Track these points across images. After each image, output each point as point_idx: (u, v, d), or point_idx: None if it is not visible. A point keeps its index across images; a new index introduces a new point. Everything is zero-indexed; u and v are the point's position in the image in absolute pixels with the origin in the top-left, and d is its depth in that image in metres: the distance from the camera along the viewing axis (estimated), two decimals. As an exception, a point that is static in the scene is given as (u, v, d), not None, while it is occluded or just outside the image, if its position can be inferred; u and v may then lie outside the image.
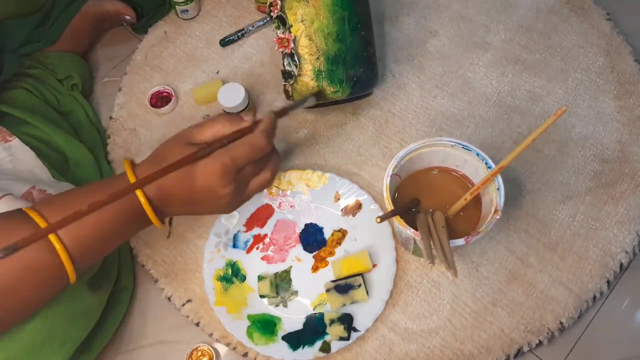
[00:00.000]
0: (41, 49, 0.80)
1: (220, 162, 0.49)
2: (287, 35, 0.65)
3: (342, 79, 0.67)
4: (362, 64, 0.67)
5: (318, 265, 0.68)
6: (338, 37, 0.64)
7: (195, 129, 0.52)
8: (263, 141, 0.51)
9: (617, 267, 0.67)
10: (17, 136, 0.68)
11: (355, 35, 0.65)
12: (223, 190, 0.50)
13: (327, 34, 0.64)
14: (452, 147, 0.61)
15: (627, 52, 0.81)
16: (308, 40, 0.64)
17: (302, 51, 0.65)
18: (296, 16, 0.63)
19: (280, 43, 0.66)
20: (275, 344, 0.63)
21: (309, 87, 0.67)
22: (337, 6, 0.63)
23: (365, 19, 0.66)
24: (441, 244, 0.55)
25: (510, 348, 0.63)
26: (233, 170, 0.50)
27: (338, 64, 0.66)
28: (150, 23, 0.90)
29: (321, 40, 0.64)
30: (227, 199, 0.51)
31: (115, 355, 0.67)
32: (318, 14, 0.63)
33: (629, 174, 0.72)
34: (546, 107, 0.78)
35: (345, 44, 0.65)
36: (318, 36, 0.64)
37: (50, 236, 0.45)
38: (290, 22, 0.64)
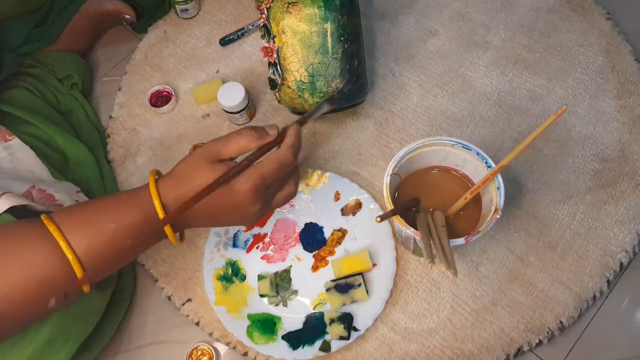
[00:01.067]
0: (41, 48, 0.80)
1: (252, 182, 0.48)
2: (271, 44, 0.65)
3: (324, 91, 0.67)
4: (345, 77, 0.67)
5: (318, 264, 0.68)
6: (320, 49, 0.64)
7: (221, 143, 0.50)
8: (291, 158, 0.51)
9: (617, 266, 0.67)
10: (17, 135, 0.68)
11: (339, 48, 0.64)
12: (252, 207, 0.50)
13: (309, 45, 0.63)
14: (452, 146, 0.61)
15: (627, 52, 0.81)
16: (291, 52, 0.64)
17: (284, 62, 0.65)
18: (279, 27, 0.63)
19: (265, 52, 0.66)
20: (275, 344, 0.63)
21: (292, 97, 0.68)
22: (320, 19, 0.62)
23: (352, 32, 0.65)
24: (441, 244, 0.55)
25: (510, 347, 0.63)
26: (263, 189, 0.50)
27: (320, 75, 0.65)
28: (150, 22, 0.90)
29: (303, 52, 0.64)
30: (254, 216, 0.52)
31: (116, 355, 0.67)
32: (300, 26, 0.63)
33: (629, 174, 0.72)
34: (546, 107, 0.78)
35: (327, 56, 0.64)
36: (300, 48, 0.64)
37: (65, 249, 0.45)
38: (274, 32, 0.64)
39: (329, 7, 0.62)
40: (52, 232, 0.46)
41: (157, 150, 0.79)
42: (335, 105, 0.66)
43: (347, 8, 0.63)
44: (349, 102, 0.71)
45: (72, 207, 0.50)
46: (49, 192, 0.62)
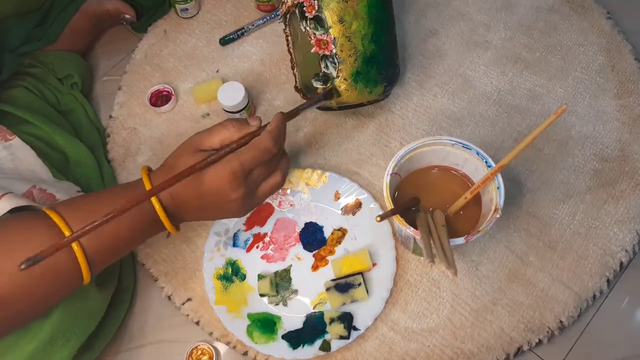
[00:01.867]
0: (41, 48, 0.80)
1: (229, 167, 0.50)
2: (326, 37, 0.63)
3: (377, 79, 0.67)
4: (393, 63, 0.69)
5: (318, 264, 0.68)
6: (373, 38, 0.64)
7: (203, 135, 0.53)
8: (270, 143, 0.52)
9: (617, 265, 0.67)
10: (17, 135, 0.68)
11: (388, 36, 0.66)
12: (233, 194, 0.51)
13: (364, 35, 0.64)
14: (452, 145, 0.61)
15: (628, 51, 0.81)
16: (347, 42, 0.63)
17: (341, 52, 0.64)
18: (336, 17, 0.62)
19: (319, 45, 0.65)
20: (275, 343, 0.63)
21: (346, 89, 0.66)
22: (373, 7, 0.63)
23: (393, 19, 0.68)
24: (441, 243, 0.55)
25: (510, 347, 0.63)
26: (242, 175, 0.51)
27: (373, 64, 0.66)
28: (150, 22, 0.90)
29: (359, 42, 0.64)
30: (237, 203, 0.52)
31: (116, 354, 0.67)
32: (357, 15, 0.63)
33: (629, 173, 0.72)
34: (546, 106, 0.77)
35: (380, 44, 0.65)
36: (356, 37, 0.63)
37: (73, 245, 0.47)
38: (330, 23, 0.63)
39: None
40: (57, 222, 0.47)
41: (157, 149, 0.79)
42: (328, 99, 0.66)
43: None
44: (393, 87, 0.72)
45: (73, 199, 0.52)
46: (49, 191, 0.62)
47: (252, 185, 0.53)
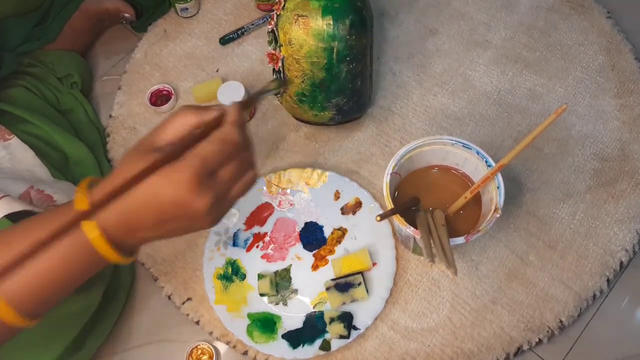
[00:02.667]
0: (40, 47, 0.80)
1: (189, 169, 0.39)
2: (277, 52, 0.65)
3: (324, 106, 0.67)
4: (347, 95, 0.67)
5: (318, 263, 0.68)
6: (325, 66, 0.63)
7: (156, 130, 0.42)
8: (235, 134, 0.42)
9: (617, 265, 0.67)
10: (16, 135, 0.68)
11: (343, 68, 0.64)
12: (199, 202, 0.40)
13: (314, 61, 0.63)
14: (452, 145, 0.61)
15: (628, 50, 0.81)
16: (295, 63, 0.64)
17: (288, 72, 0.65)
18: (286, 37, 0.63)
19: (271, 58, 0.66)
20: (275, 343, 0.63)
21: (292, 106, 0.68)
22: (328, 36, 0.61)
23: (359, 52, 0.64)
24: (441, 243, 0.55)
25: (510, 346, 0.63)
26: (206, 176, 0.40)
27: (321, 91, 0.66)
28: (149, 21, 0.90)
29: (307, 66, 0.63)
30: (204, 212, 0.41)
31: (116, 354, 0.67)
32: (307, 40, 0.62)
33: (629, 173, 0.72)
34: (546, 106, 0.77)
35: (332, 74, 0.64)
36: (305, 61, 0.63)
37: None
38: (281, 42, 0.63)
39: (337, 27, 0.61)
40: None
41: (157, 149, 0.79)
42: (287, 87, 0.66)
43: (357, 28, 0.62)
44: (346, 118, 0.72)
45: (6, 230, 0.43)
46: (47, 192, 0.62)
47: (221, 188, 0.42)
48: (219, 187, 0.42)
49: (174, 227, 0.42)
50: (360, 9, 0.63)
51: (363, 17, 0.63)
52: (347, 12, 0.61)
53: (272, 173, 0.72)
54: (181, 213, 0.40)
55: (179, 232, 0.43)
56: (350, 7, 0.61)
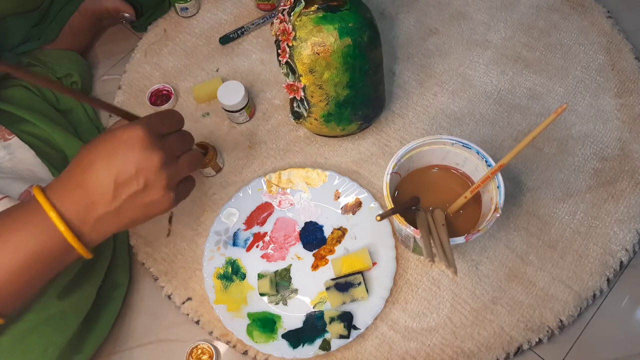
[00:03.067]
0: (40, 47, 0.80)
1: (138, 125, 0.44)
2: (297, 83, 0.64)
3: (350, 119, 0.68)
4: (371, 103, 0.68)
5: (318, 263, 0.68)
6: (348, 84, 0.63)
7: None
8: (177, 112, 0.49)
9: (617, 265, 0.67)
10: (16, 134, 0.68)
11: (366, 81, 0.64)
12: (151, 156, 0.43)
13: (338, 82, 0.63)
14: (452, 145, 0.61)
15: (628, 50, 0.81)
16: (318, 89, 0.63)
17: (311, 98, 0.65)
18: (306, 67, 0.61)
19: (290, 89, 0.65)
20: (275, 342, 0.63)
21: (319, 127, 0.69)
22: (349, 57, 0.61)
23: (377, 62, 0.65)
24: (441, 242, 0.55)
25: (510, 346, 0.63)
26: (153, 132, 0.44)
27: (347, 106, 0.66)
28: (149, 21, 0.90)
29: (331, 89, 0.63)
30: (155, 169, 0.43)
31: (115, 353, 0.67)
32: (329, 66, 0.61)
33: (629, 172, 0.72)
34: (546, 105, 0.77)
35: (356, 89, 0.64)
36: (328, 85, 0.63)
37: None
38: (300, 72, 0.62)
39: (358, 46, 0.61)
40: None
41: (156, 149, 0.79)
42: None
43: (374, 41, 0.62)
44: (371, 122, 0.73)
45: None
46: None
47: (169, 149, 0.45)
48: (167, 147, 0.45)
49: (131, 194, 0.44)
50: (371, 20, 0.62)
51: (376, 28, 0.63)
52: (363, 29, 0.61)
53: (272, 173, 0.72)
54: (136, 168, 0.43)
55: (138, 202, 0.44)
56: (365, 23, 0.61)
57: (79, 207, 0.43)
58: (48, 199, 0.43)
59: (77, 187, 0.43)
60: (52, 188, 0.44)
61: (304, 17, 0.59)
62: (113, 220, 0.45)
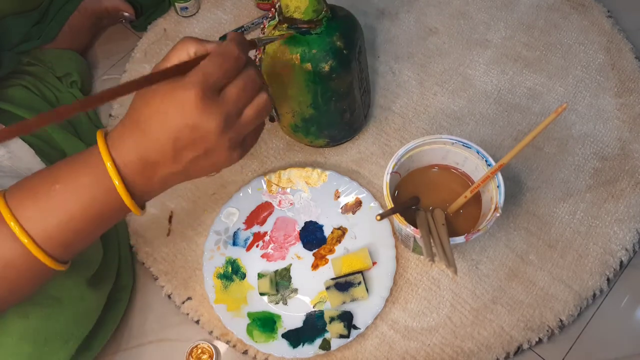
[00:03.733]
0: (40, 46, 0.80)
1: (190, 83, 0.39)
2: None
3: (317, 135, 0.69)
4: (338, 126, 0.67)
5: (318, 263, 0.68)
6: (312, 105, 0.63)
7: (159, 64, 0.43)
8: (234, 48, 0.41)
9: (617, 264, 0.67)
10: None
11: (330, 106, 0.64)
12: (208, 120, 0.40)
13: (302, 101, 0.63)
14: (452, 144, 0.61)
15: (628, 49, 0.81)
16: (284, 102, 0.64)
17: (279, 107, 0.66)
18: (270, 80, 0.63)
19: None
20: (275, 342, 0.63)
21: (289, 133, 0.71)
22: (310, 82, 0.61)
23: (344, 91, 0.64)
24: (441, 242, 0.55)
25: (510, 345, 0.63)
26: (209, 90, 0.40)
27: (313, 124, 0.66)
28: (149, 20, 0.89)
29: (295, 105, 0.64)
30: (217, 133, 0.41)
31: (116, 353, 0.67)
32: (292, 84, 0.61)
33: (629, 172, 0.72)
34: (546, 105, 0.77)
35: (320, 111, 0.64)
36: (293, 100, 0.63)
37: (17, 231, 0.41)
38: (267, 82, 0.63)
39: (318, 74, 0.60)
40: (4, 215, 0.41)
41: (156, 148, 0.79)
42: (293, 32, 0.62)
43: (338, 71, 0.61)
44: (340, 142, 0.74)
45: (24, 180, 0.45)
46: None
47: (230, 107, 0.41)
48: (227, 104, 0.41)
49: (192, 158, 0.42)
50: (340, 50, 0.60)
51: (344, 57, 0.61)
52: (326, 57, 0.59)
53: (272, 172, 0.72)
54: (194, 136, 0.40)
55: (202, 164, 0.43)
56: (330, 52, 0.59)
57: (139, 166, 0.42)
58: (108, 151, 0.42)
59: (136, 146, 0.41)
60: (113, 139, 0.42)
61: (277, 33, 0.59)
62: (178, 178, 0.44)
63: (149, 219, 0.72)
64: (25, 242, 0.41)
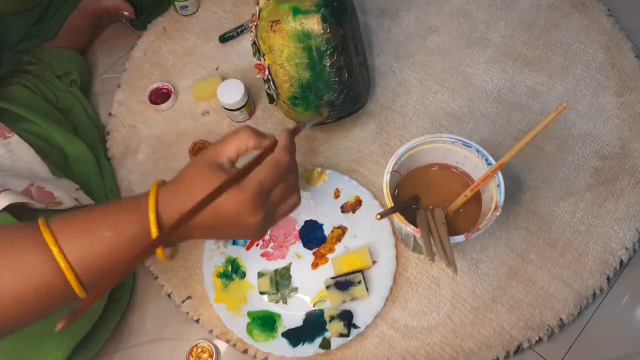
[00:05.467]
0: (39, 45, 0.80)
1: (250, 191, 0.46)
2: (262, 62, 0.65)
3: (317, 105, 0.67)
4: (336, 90, 0.67)
5: (318, 262, 0.68)
6: (308, 65, 0.63)
7: (219, 146, 0.49)
8: (286, 158, 0.49)
9: (617, 263, 0.67)
10: (16, 133, 0.68)
11: (325, 63, 0.64)
12: (253, 218, 0.48)
13: (297, 63, 0.63)
14: (452, 143, 0.61)
15: (628, 48, 0.81)
16: (280, 68, 0.64)
17: (276, 78, 0.66)
18: (267, 45, 0.63)
19: (259, 69, 0.67)
20: (275, 341, 0.63)
21: (288, 111, 0.69)
22: (303, 36, 0.61)
23: (338, 44, 0.63)
24: (441, 241, 0.55)
25: (510, 344, 0.63)
26: (262, 197, 0.47)
27: (311, 90, 0.66)
28: (149, 19, 0.89)
29: (292, 69, 0.64)
30: (256, 226, 0.49)
31: (116, 352, 0.67)
32: (286, 44, 0.62)
33: (629, 171, 0.72)
34: (546, 104, 0.77)
35: (316, 72, 0.64)
36: (289, 65, 0.64)
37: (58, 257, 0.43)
38: (263, 50, 0.64)
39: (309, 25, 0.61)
40: (47, 239, 0.44)
41: (156, 147, 0.79)
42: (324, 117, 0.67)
43: (329, 22, 0.62)
44: (343, 113, 0.71)
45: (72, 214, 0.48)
46: (47, 189, 0.62)
47: (271, 207, 0.49)
48: (270, 206, 0.49)
49: (224, 233, 0.50)
50: (331, 2, 0.62)
51: (335, 9, 0.62)
52: (318, 6, 0.61)
53: (272, 171, 0.72)
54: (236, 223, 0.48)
55: (227, 237, 0.51)
56: (322, 4, 0.61)
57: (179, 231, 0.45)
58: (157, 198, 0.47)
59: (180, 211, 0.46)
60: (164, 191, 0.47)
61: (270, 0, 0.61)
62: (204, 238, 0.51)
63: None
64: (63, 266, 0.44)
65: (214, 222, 0.47)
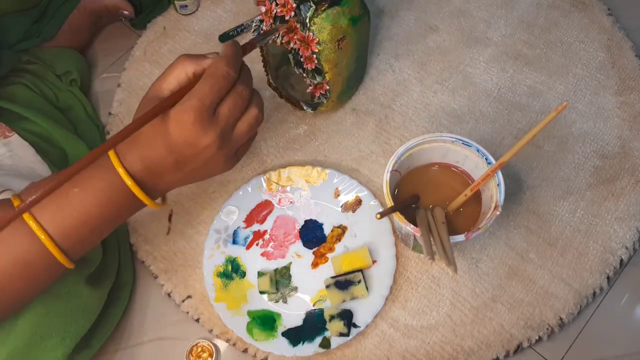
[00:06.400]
0: (39, 45, 0.80)
1: (189, 109, 0.44)
2: (323, 81, 0.68)
3: (353, 90, 0.76)
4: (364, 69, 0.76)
5: (318, 261, 0.68)
6: (357, 58, 0.69)
7: (158, 81, 0.48)
8: (224, 67, 0.45)
9: (617, 263, 0.67)
10: (16, 132, 0.68)
11: (363, 52, 0.72)
12: (205, 139, 0.45)
13: (351, 62, 0.68)
14: (452, 143, 0.61)
15: (628, 48, 0.80)
16: (338, 76, 0.68)
17: (333, 86, 0.69)
18: (332, 64, 0.65)
19: (315, 88, 0.69)
20: (275, 340, 0.63)
21: (335, 106, 0.75)
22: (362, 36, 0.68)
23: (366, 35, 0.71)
24: (441, 240, 0.55)
25: (510, 344, 0.63)
26: (205, 112, 0.44)
27: (352, 80, 0.72)
28: (149, 18, 0.89)
29: (345, 70, 0.68)
30: (214, 150, 0.46)
31: (115, 352, 0.67)
32: (351, 52, 0.66)
33: (629, 170, 0.72)
34: (547, 103, 0.77)
35: (359, 61, 0.71)
36: (345, 68, 0.68)
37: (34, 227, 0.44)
38: (326, 70, 0.65)
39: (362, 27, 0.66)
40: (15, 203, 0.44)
41: (156, 146, 0.79)
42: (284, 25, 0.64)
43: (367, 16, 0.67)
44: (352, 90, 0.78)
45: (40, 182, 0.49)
46: (48, 189, 0.62)
47: (223, 124, 0.46)
48: (221, 122, 0.46)
49: (193, 168, 0.47)
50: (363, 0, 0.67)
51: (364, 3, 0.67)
52: (359, 7, 0.65)
53: (271, 171, 0.72)
54: (194, 151, 0.45)
55: (201, 173, 0.49)
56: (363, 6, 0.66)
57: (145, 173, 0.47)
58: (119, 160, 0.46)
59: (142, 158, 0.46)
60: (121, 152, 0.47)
61: (317, 20, 0.62)
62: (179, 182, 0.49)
63: (149, 217, 0.72)
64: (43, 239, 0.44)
65: (173, 159, 0.46)
